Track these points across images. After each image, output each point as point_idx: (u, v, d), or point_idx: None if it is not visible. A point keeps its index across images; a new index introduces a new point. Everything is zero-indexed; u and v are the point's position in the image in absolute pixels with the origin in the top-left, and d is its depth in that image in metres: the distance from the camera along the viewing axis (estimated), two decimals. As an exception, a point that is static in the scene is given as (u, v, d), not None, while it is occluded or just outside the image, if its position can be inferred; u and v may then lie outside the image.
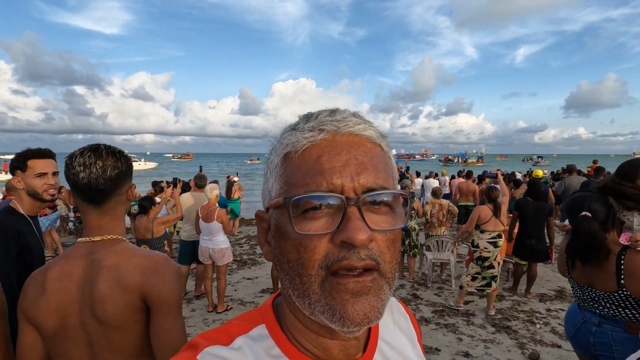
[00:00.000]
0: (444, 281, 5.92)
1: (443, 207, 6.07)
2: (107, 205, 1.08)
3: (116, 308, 0.97)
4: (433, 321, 4.45)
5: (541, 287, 5.60)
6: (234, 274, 6.32)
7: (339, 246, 0.42)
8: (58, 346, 1.00)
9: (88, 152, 1.05)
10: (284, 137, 0.49)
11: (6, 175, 22.16)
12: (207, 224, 4.67)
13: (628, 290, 1.75)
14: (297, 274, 0.44)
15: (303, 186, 0.43)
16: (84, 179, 1.03)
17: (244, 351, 0.48)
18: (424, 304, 4.98)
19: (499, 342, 3.93)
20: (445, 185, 12.00)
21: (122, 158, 1.10)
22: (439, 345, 3.87)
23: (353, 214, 0.42)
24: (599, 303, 1.88)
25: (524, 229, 5.13)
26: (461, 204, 8.75)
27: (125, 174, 1.10)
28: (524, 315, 4.60)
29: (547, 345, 3.84)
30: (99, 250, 1.04)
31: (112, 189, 1.07)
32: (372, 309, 0.42)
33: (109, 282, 0.98)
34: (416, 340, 0.65)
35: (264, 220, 0.52)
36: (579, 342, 1.99)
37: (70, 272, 1.02)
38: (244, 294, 5.44)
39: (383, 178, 0.45)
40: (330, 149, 0.44)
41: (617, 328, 1.81)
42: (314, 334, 0.49)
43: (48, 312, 0.99)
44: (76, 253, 1.05)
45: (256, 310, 0.55)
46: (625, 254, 1.78)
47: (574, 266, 2.01)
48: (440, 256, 5.78)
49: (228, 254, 4.82)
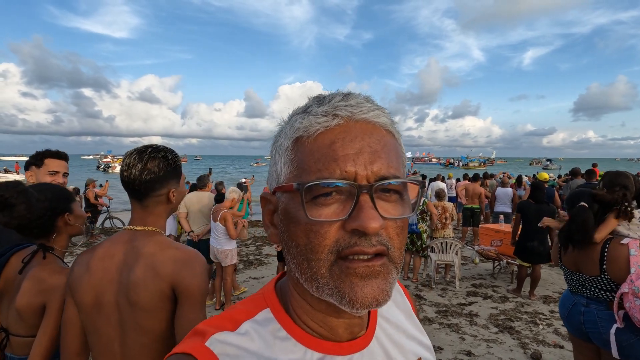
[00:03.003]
0: (448, 282, 5.97)
1: (446, 209, 6.12)
2: (147, 202, 1.17)
3: (147, 292, 1.05)
4: (436, 321, 4.50)
5: (545, 289, 5.63)
6: (240, 273, 6.42)
7: (350, 233, 0.42)
8: (92, 321, 1.09)
9: (135, 154, 1.15)
10: (294, 119, 0.48)
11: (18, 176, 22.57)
12: (214, 223, 4.80)
13: (609, 274, 2.06)
14: (306, 258, 0.44)
15: (316, 172, 0.43)
16: (126, 177, 1.13)
17: (251, 335, 0.49)
18: (428, 305, 5.03)
19: (502, 342, 3.98)
20: (452, 188, 12.00)
21: (162, 164, 1.16)
22: (442, 344, 3.93)
23: (366, 202, 0.42)
24: (586, 287, 2.20)
25: (526, 231, 5.18)
26: (467, 206, 8.78)
27: (162, 179, 1.16)
28: (527, 317, 4.63)
29: (550, 346, 3.88)
30: (140, 238, 1.12)
31: (148, 191, 1.15)
32: (381, 292, 0.43)
33: (145, 268, 1.06)
34: (412, 313, 0.67)
35: (270, 203, 0.51)
36: (572, 322, 2.29)
37: (113, 254, 1.11)
38: (251, 293, 5.53)
39: (395, 167, 0.45)
40: (345, 136, 0.44)
41: (601, 307, 2.12)
42: (321, 314, 0.50)
43: (89, 288, 1.08)
44: (120, 239, 1.14)
45: (259, 294, 0.56)
46: (609, 244, 2.09)
47: (565, 252, 2.31)
48: (445, 258, 5.83)
49: (231, 256, 4.84)
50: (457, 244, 5.83)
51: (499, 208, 8.63)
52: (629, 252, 1.97)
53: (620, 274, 1.97)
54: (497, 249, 6.22)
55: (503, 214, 8.19)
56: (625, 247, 2.00)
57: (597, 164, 10.12)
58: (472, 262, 7.06)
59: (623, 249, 2.01)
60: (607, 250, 2.07)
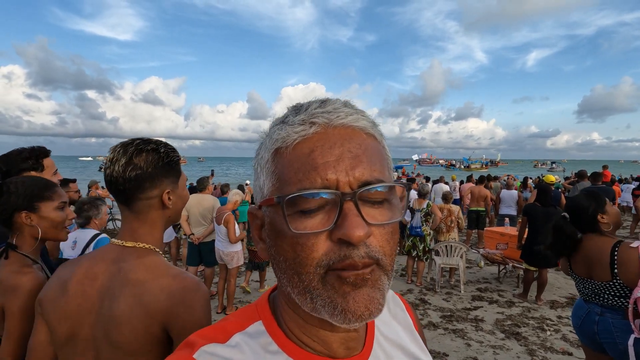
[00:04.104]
0: (452, 286, 5.88)
1: (452, 212, 6.04)
2: (136, 207, 0.97)
3: (133, 332, 0.86)
4: (441, 326, 4.42)
5: (552, 293, 5.53)
6: (242, 276, 6.37)
7: (337, 244, 0.41)
8: (64, 356, 0.92)
9: (120, 147, 0.96)
10: (273, 131, 0.47)
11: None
12: (218, 226, 4.79)
13: (621, 279, 2.00)
14: (295, 272, 0.43)
15: (296, 183, 0.42)
16: (108, 176, 0.95)
17: (241, 348, 0.48)
18: (432, 309, 4.96)
19: (508, 349, 3.90)
20: (455, 191, 11.92)
21: (151, 157, 0.97)
22: (447, 350, 3.85)
23: (350, 210, 0.40)
24: (599, 294, 2.12)
25: (533, 234, 5.09)
26: (472, 208, 8.70)
27: (153, 176, 0.96)
28: (534, 322, 4.54)
29: (558, 353, 3.79)
30: (129, 259, 0.93)
31: (135, 191, 0.95)
32: (372, 300, 0.42)
33: (131, 301, 0.87)
34: (414, 329, 0.64)
35: (257, 218, 0.50)
36: (585, 332, 2.21)
37: (95, 276, 0.92)
38: (254, 296, 5.49)
39: (379, 170, 0.44)
40: (323, 143, 0.43)
41: (617, 316, 2.04)
42: (314, 328, 0.48)
43: (63, 316, 0.90)
44: (105, 256, 0.95)
45: (252, 306, 0.54)
46: (618, 247, 2.05)
47: (576, 260, 2.26)
48: (449, 261, 5.75)
49: (237, 258, 4.86)
50: (461, 247, 5.75)
51: (503, 210, 8.53)
52: (639, 255, 1.94)
53: (633, 277, 1.94)
54: (502, 252, 6.13)
55: (508, 216, 8.09)
56: (636, 251, 1.97)
57: (608, 166, 9.99)
58: (477, 265, 6.97)
59: (633, 252, 1.97)
60: (617, 254, 2.03)
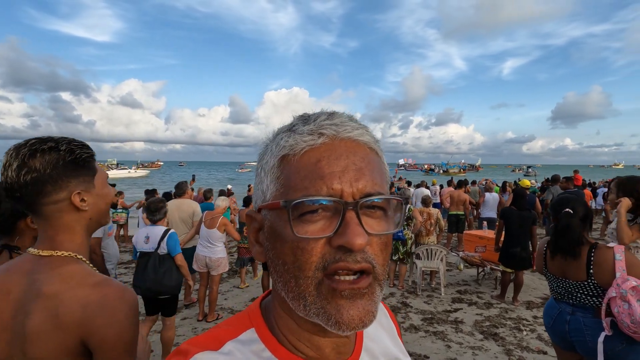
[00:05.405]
0: (433, 289, 5.98)
1: (431, 216, 6.15)
2: (44, 214, 0.88)
3: (47, 348, 0.81)
4: (422, 329, 4.48)
5: (528, 294, 5.70)
6: (224, 282, 6.29)
7: (335, 249, 0.43)
8: None
9: (12, 150, 0.86)
10: (280, 138, 0.49)
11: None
12: (209, 230, 4.72)
13: (595, 279, 2.06)
14: (293, 276, 0.44)
15: (302, 190, 0.44)
16: (3, 182, 0.85)
17: (235, 355, 0.48)
18: (414, 312, 5.02)
19: (487, 349, 3.99)
20: (435, 195, 12.14)
21: (50, 157, 0.85)
22: (428, 352, 3.91)
23: (352, 219, 0.43)
24: (572, 293, 2.17)
25: (510, 237, 5.24)
26: (452, 212, 8.88)
27: (54, 178, 0.86)
28: (511, 323, 4.67)
29: (534, 352, 3.91)
30: (43, 270, 0.86)
31: (35, 197, 0.85)
32: (367, 313, 0.44)
33: (45, 314, 0.81)
34: (396, 335, 0.67)
35: (255, 220, 0.52)
36: (556, 331, 2.25)
37: (9, 290, 0.85)
38: (234, 302, 5.42)
39: (379, 184, 0.46)
40: (330, 154, 0.45)
41: (587, 315, 2.10)
42: (307, 333, 0.49)
43: None
44: (19, 267, 0.87)
45: (244, 313, 0.55)
46: (595, 248, 2.11)
47: (552, 259, 2.30)
48: (430, 264, 5.84)
49: (224, 264, 4.84)
50: (442, 251, 5.85)
51: (486, 214, 8.76)
52: (614, 256, 2.00)
53: (607, 278, 1.99)
54: (481, 255, 6.27)
55: (487, 219, 8.29)
56: (611, 251, 2.03)
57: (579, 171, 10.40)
58: (457, 268, 7.10)
59: (609, 252, 2.04)
60: (594, 255, 2.09)
